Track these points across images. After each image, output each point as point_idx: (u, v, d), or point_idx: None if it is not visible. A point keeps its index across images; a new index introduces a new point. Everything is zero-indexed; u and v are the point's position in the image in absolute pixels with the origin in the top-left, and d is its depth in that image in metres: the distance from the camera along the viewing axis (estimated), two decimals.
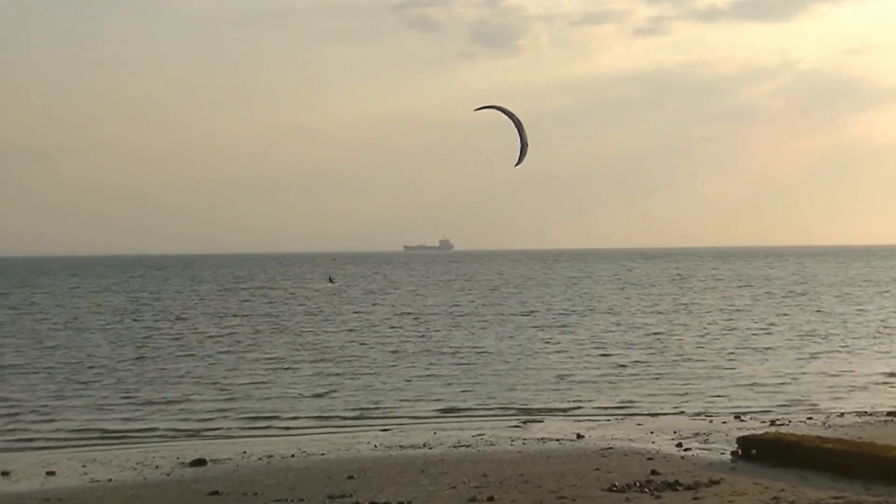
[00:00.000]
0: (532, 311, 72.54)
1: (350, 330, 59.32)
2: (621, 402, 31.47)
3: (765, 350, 45.92)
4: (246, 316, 72.42)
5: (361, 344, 50.99)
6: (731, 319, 63.45)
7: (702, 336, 53.08)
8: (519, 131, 28.06)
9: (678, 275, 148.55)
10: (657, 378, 37.08)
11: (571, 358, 43.75)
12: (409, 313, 72.91)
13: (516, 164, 28.19)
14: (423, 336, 54.73)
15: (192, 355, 46.56)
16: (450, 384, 35.99)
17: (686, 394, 33.22)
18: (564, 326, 59.95)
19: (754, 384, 35.27)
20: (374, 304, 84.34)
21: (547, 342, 50.67)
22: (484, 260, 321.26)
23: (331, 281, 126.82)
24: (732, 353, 45.15)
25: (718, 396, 32.58)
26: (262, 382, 37.14)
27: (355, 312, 74.61)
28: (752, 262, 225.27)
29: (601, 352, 45.97)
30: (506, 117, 27.70)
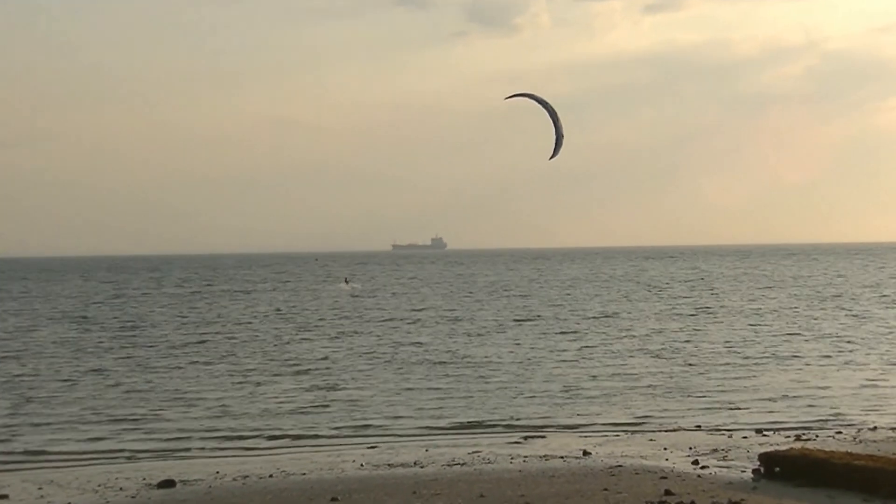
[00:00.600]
0: (537, 316, 72.63)
1: (335, 337, 59.39)
2: (632, 416, 31.58)
3: (792, 358, 46.04)
4: (221, 323, 72.41)
5: (347, 352, 51.04)
6: (755, 325, 63.54)
7: (723, 343, 53.18)
8: (554, 121, 28.39)
9: (696, 275, 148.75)
10: (672, 389, 37.18)
11: (579, 367, 43.86)
12: (400, 319, 72.96)
13: (551, 157, 28.64)
14: (414, 344, 54.80)
15: (161, 367, 46.57)
16: (444, 397, 36.07)
17: (704, 406, 33.32)
18: (574, 333, 60.02)
19: (779, 395, 35.38)
20: (361, 309, 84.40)
21: (553, 350, 50.75)
22: (481, 260, 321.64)
23: (346, 283, 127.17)
24: (756, 361, 45.27)
25: (739, 409, 32.68)
26: (238, 396, 37.18)
27: (341, 319, 74.66)
28: (776, 260, 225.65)
29: (611, 361, 46.10)
30: (535, 106, 28.04)
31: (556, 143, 28.47)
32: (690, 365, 44.09)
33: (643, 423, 30.54)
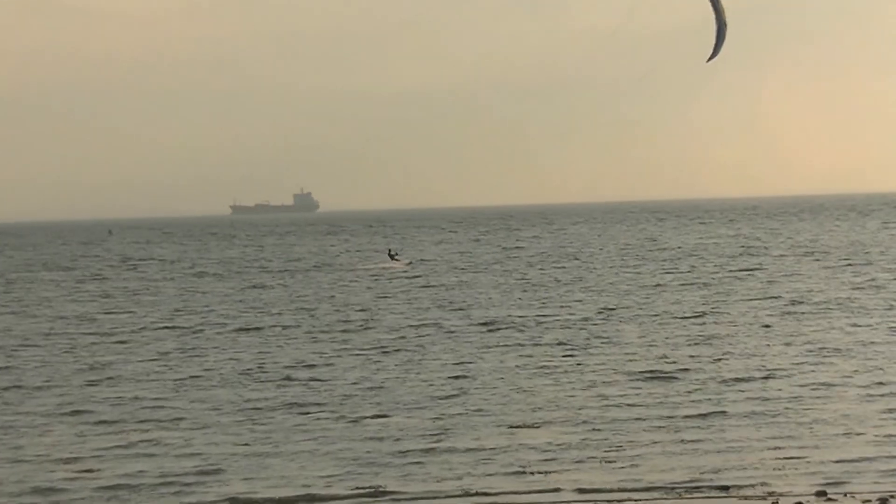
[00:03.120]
0: (491, 320, 73.75)
1: (153, 360, 59.68)
2: (629, 476, 32.73)
3: (880, 382, 47.14)
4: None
5: (173, 385, 51.66)
6: (839, 330, 64.44)
7: (785, 355, 54.78)
8: (714, 5, 29.57)
9: (739, 243, 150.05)
10: (688, 431, 38.54)
11: (553, 395, 45.35)
12: (254, 328, 73.60)
13: (710, 58, 29.88)
14: (278, 375, 55.38)
15: None
16: (325, 457, 36.99)
17: (735, 457, 34.56)
18: (559, 343, 61.35)
19: (853, 437, 36.80)
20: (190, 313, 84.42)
21: (515, 369, 52.30)
22: (376, 226, 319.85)
23: (392, 258, 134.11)
24: (827, 382, 46.84)
25: (793, 459, 33.96)
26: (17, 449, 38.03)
27: (164, 327, 75.02)
28: (867, 218, 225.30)
29: (600, 386, 47.59)
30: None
31: (718, 37, 29.73)
32: (721, 389, 45.63)
33: (639, 483, 31.79)
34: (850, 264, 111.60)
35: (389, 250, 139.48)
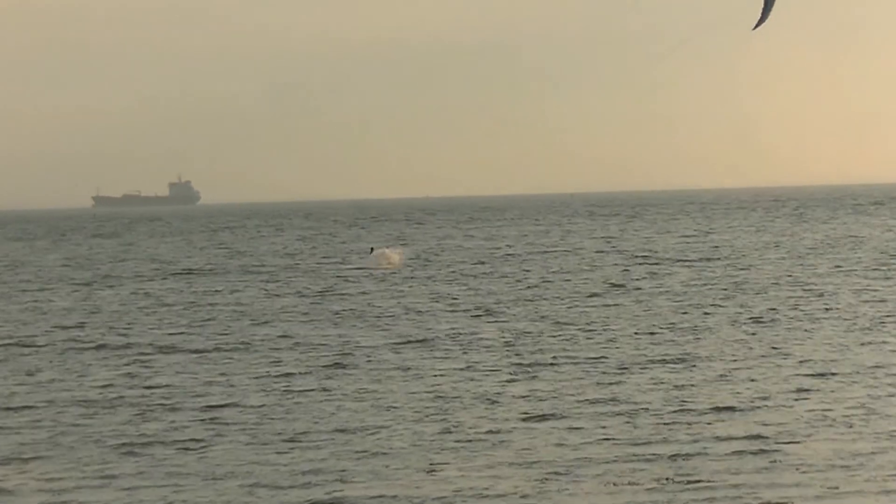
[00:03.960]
0: (414, 336, 73.93)
1: None
2: None
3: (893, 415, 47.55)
4: None
5: (28, 413, 51.60)
6: (836, 349, 64.02)
7: (764, 378, 55.43)
8: None
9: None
10: (655, 470, 38.84)
11: (489, 427, 45.72)
12: (128, 346, 73.82)
13: (756, 26, 30.31)
14: (156, 403, 55.66)
15: None
16: None
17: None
18: (468, 366, 61.48)
19: (850, 480, 37.41)
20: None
21: (443, 395, 52.59)
22: (272, 223, 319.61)
23: (371, 251, 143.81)
24: (819, 414, 47.49)
25: None
26: None
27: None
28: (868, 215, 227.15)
29: (549, 417, 48.01)
30: None
31: (766, 2, 30.15)
32: (692, 425, 46.11)
33: None
34: (852, 270, 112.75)
35: (372, 248, 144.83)
